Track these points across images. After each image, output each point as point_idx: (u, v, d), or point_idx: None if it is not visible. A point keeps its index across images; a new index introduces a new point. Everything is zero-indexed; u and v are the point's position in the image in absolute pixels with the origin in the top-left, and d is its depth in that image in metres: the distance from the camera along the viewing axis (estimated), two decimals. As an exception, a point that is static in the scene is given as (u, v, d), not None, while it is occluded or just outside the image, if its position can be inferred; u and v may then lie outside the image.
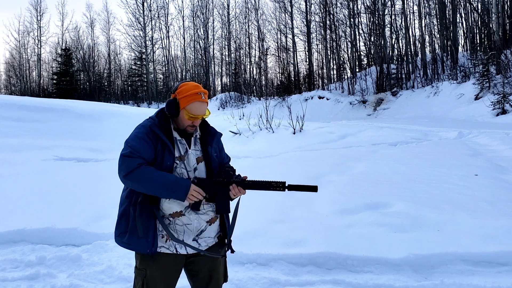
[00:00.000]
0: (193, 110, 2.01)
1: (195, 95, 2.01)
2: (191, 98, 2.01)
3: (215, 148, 2.15)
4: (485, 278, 3.15)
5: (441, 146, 9.05)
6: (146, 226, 1.95)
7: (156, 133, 1.99)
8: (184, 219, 2.01)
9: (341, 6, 32.99)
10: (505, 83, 16.30)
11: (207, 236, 2.07)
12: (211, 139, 2.14)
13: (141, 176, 1.88)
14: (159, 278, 2.03)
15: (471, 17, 26.74)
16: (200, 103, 2.02)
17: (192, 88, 2.04)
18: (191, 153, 2.06)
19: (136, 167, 1.89)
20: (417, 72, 26.66)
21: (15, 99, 14.49)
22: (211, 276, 2.13)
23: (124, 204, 2.02)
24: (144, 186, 1.89)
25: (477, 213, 4.24)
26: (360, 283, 3.15)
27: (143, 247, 1.96)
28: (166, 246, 2.01)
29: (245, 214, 4.35)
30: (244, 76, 41.86)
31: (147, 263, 2.03)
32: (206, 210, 2.06)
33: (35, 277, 3.34)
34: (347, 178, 6.09)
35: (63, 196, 5.39)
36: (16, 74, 52.95)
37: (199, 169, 2.06)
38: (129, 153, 1.93)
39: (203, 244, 2.07)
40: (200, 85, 2.09)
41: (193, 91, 2.02)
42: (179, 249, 2.02)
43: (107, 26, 54.12)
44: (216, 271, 2.14)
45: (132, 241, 1.98)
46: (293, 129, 11.94)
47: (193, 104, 2.01)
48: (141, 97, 43.72)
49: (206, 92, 2.07)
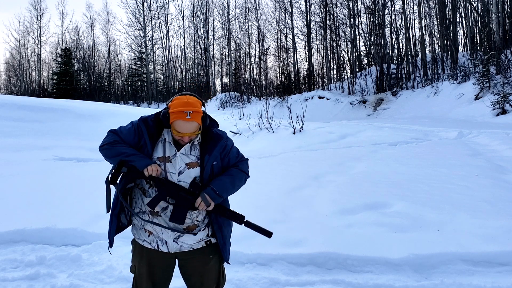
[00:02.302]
0: (177, 127, 1.98)
1: (181, 113, 1.95)
2: (176, 116, 1.96)
3: (215, 156, 2.07)
4: (485, 278, 3.15)
5: (441, 146, 9.05)
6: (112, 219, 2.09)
7: (142, 130, 2.06)
8: (161, 220, 2.04)
9: (341, 6, 33.03)
10: (505, 83, 16.31)
11: (186, 242, 2.06)
12: (211, 147, 2.08)
13: (114, 146, 2.03)
14: (145, 275, 2.10)
15: (471, 17, 26.74)
16: (184, 122, 1.95)
17: (180, 105, 1.97)
18: (179, 156, 2.03)
19: (112, 141, 2.05)
20: (417, 72, 26.67)
21: (15, 99, 14.49)
22: (202, 281, 2.12)
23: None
24: (113, 152, 2.01)
25: (477, 213, 4.24)
26: (360, 283, 3.15)
27: (108, 235, 2.12)
28: (148, 241, 2.07)
29: (245, 214, 4.36)
30: (244, 76, 41.86)
31: (136, 259, 2.14)
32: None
33: (35, 277, 3.34)
34: (347, 178, 6.09)
35: (63, 196, 5.38)
36: (16, 74, 52.97)
37: (185, 173, 2.03)
38: (114, 131, 2.10)
39: (184, 245, 2.06)
40: (192, 101, 1.99)
41: (179, 108, 1.96)
42: (160, 246, 2.05)
43: (107, 26, 54.11)
44: (206, 276, 2.12)
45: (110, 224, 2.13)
46: (293, 129, 11.94)
47: (176, 122, 1.97)
48: (141, 97, 43.74)
49: (196, 110, 1.97)
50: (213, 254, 2.12)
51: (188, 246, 2.06)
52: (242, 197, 4.68)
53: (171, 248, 2.04)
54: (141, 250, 2.10)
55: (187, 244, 2.06)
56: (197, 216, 2.06)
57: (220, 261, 2.18)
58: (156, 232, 2.05)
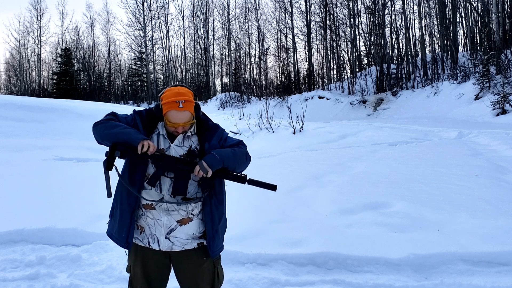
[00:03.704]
0: (170, 118, 1.99)
1: (173, 103, 1.96)
2: (168, 106, 1.98)
3: (214, 145, 2.09)
4: (485, 278, 3.15)
5: (441, 146, 9.06)
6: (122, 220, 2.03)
7: (137, 121, 2.09)
8: (155, 213, 2.02)
9: (341, 6, 33.01)
10: (505, 83, 16.30)
11: (178, 237, 2.02)
12: (210, 136, 2.10)
13: (108, 123, 2.02)
14: (140, 275, 2.10)
15: (471, 17, 26.75)
16: (177, 112, 1.97)
17: (172, 95, 1.99)
18: (173, 148, 2.05)
19: (108, 119, 2.06)
20: (417, 72, 26.67)
21: (15, 99, 14.49)
22: (196, 283, 2.11)
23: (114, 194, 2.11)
24: (107, 129, 1.99)
25: (477, 213, 4.24)
26: (360, 283, 3.15)
27: (119, 240, 2.07)
28: (140, 238, 2.06)
29: (245, 214, 4.36)
30: (244, 76, 41.86)
31: (131, 258, 2.13)
32: (177, 208, 2.01)
33: (35, 277, 3.34)
34: (347, 178, 6.09)
35: (63, 196, 5.38)
36: (16, 74, 52.94)
37: None
38: (112, 113, 2.12)
39: (176, 243, 2.03)
40: (183, 91, 2.02)
41: (171, 99, 1.97)
42: (151, 243, 2.03)
43: (107, 26, 54.05)
44: (200, 277, 2.10)
45: (113, 231, 2.11)
46: (293, 129, 11.94)
47: (169, 113, 1.98)
48: (141, 97, 43.74)
49: (188, 99, 1.99)
50: (207, 256, 2.10)
51: (180, 245, 2.03)
52: (242, 197, 4.69)
53: (162, 245, 2.02)
54: (135, 249, 2.10)
55: (179, 242, 2.02)
56: (193, 210, 2.04)
57: (214, 262, 2.15)
58: (149, 227, 2.03)
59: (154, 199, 2.00)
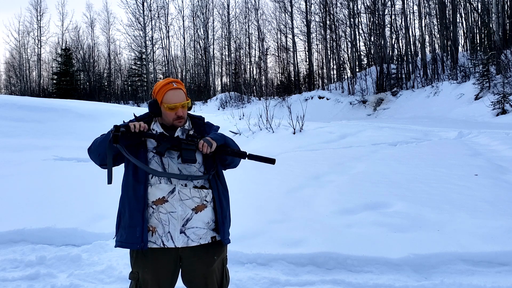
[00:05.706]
0: (168, 99, 2.07)
1: (166, 85, 2.09)
2: (163, 89, 2.09)
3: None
4: (485, 278, 3.15)
5: (441, 146, 9.05)
6: (133, 220, 1.98)
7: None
8: (168, 206, 1.99)
9: (341, 6, 33.01)
10: (505, 83, 16.29)
11: (195, 226, 2.00)
12: (208, 131, 2.21)
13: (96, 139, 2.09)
14: (151, 281, 2.03)
15: (471, 17, 26.75)
16: (173, 91, 2.08)
17: (163, 81, 2.13)
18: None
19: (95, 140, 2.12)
20: (417, 72, 26.67)
21: (15, 99, 14.50)
22: (206, 283, 2.09)
23: (119, 204, 2.09)
24: (97, 141, 2.06)
25: (477, 213, 4.24)
26: (360, 283, 3.15)
27: (132, 243, 1.98)
28: (153, 240, 2.00)
29: (245, 214, 4.36)
30: (244, 76, 41.86)
31: (139, 265, 2.04)
32: (191, 196, 2.01)
33: (35, 277, 3.34)
34: (347, 178, 6.09)
35: (63, 196, 5.39)
36: (16, 74, 52.94)
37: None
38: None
39: (192, 236, 2.00)
40: (172, 78, 2.16)
41: (163, 82, 2.12)
42: (165, 242, 1.99)
43: (107, 26, 54.02)
44: (210, 278, 2.09)
45: (122, 238, 2.02)
46: (293, 129, 11.94)
47: (166, 94, 2.07)
48: (141, 97, 43.70)
49: (179, 81, 2.14)
50: (217, 255, 2.10)
51: (195, 238, 2.01)
52: (242, 197, 4.69)
53: (177, 242, 1.98)
54: (145, 255, 2.02)
55: (195, 234, 2.00)
56: (206, 196, 2.05)
57: (223, 262, 2.16)
58: (162, 225, 1.98)
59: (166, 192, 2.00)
